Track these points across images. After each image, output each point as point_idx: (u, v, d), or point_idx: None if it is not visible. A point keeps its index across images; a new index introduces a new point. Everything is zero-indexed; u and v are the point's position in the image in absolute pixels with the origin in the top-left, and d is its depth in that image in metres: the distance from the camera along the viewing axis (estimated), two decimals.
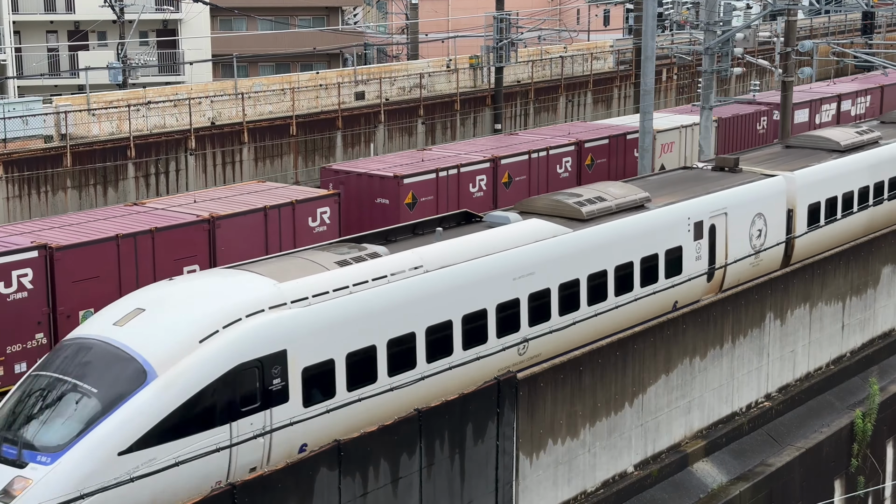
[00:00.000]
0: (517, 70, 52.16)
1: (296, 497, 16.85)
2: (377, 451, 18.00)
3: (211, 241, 24.89)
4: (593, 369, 22.51)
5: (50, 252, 22.50)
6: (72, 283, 22.77)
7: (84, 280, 22.98)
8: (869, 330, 32.27)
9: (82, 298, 22.92)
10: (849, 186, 31.96)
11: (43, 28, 64.75)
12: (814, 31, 75.53)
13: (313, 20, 76.97)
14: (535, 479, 21.40)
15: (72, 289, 22.76)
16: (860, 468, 30.12)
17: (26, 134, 39.11)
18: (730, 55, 30.98)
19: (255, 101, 42.65)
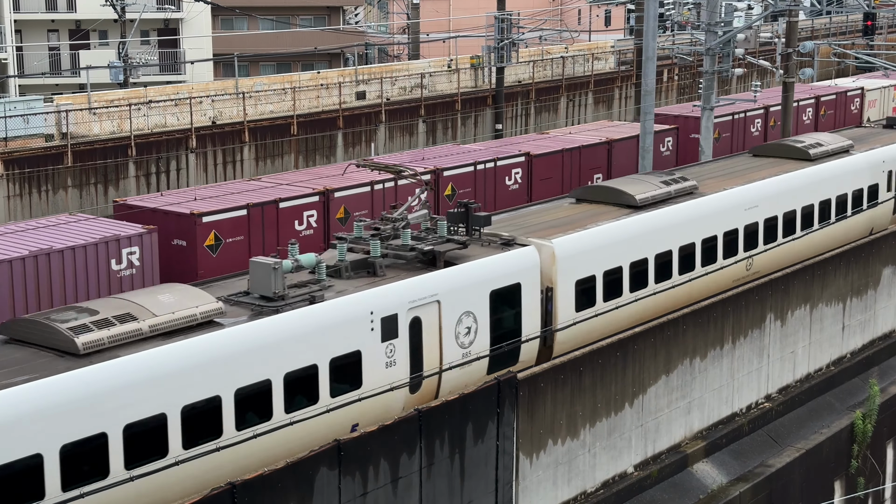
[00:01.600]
0: (518, 70, 52.16)
1: (296, 496, 16.85)
2: (377, 451, 18.00)
3: None
4: (593, 369, 22.51)
5: None
6: None
7: None
8: (869, 331, 32.26)
9: None
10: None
11: (44, 27, 64.76)
12: (815, 32, 75.51)
13: (314, 20, 76.97)
14: (534, 480, 21.40)
15: None
16: (860, 469, 30.12)
17: (27, 132, 39.13)
18: (731, 56, 30.97)
19: (256, 101, 42.66)
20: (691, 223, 26.38)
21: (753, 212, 28.28)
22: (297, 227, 25.31)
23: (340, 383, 18.98)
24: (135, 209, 24.93)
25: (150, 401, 16.22)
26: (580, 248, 23.47)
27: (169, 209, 24.84)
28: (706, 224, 26.76)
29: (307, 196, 26.22)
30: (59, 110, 37.86)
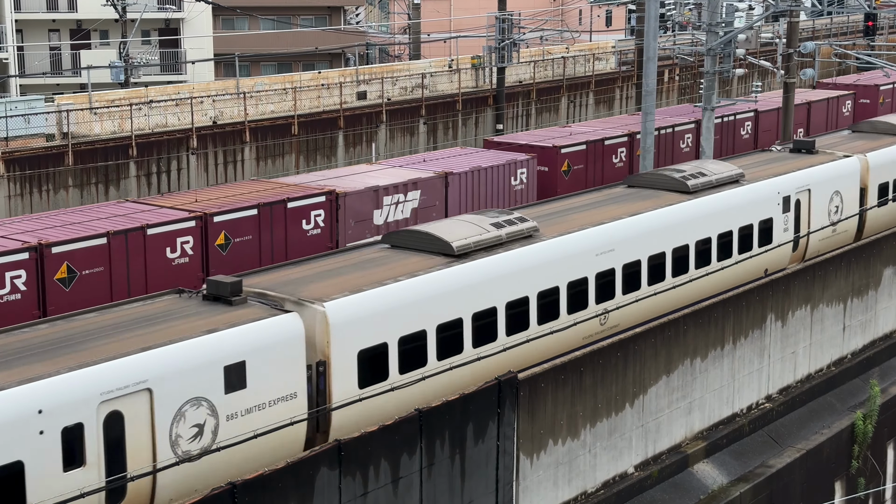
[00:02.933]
0: (519, 70, 52.15)
1: (296, 496, 16.86)
2: (377, 451, 18.00)
3: None
4: (594, 370, 22.51)
5: None
6: None
7: None
8: (870, 332, 32.26)
9: None
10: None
11: (45, 26, 64.76)
12: (816, 33, 75.50)
13: (315, 20, 76.98)
14: (535, 480, 21.40)
15: None
16: (861, 470, 30.12)
17: (28, 132, 39.14)
18: (732, 56, 30.97)
19: (257, 101, 42.66)
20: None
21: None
22: None
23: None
24: None
25: None
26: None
27: None
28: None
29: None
30: (60, 110, 37.87)
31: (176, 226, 23.58)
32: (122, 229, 22.56)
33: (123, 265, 22.30)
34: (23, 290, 20.72)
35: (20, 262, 20.77)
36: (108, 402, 15.90)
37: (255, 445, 17.38)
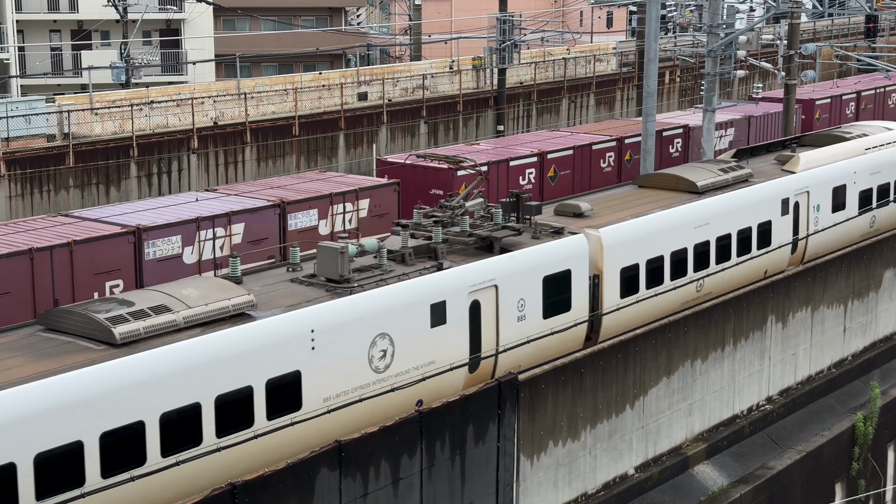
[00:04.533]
0: (520, 71, 52.15)
1: (296, 497, 16.86)
2: (378, 452, 18.00)
3: None
4: (594, 371, 22.50)
5: None
6: None
7: None
8: (870, 333, 32.25)
9: None
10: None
11: (46, 27, 64.76)
12: (817, 35, 75.49)
13: (316, 20, 76.99)
14: (535, 481, 21.39)
15: None
16: (861, 472, 30.11)
17: (29, 133, 39.13)
18: (733, 58, 30.97)
19: (258, 102, 42.66)
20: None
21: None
22: None
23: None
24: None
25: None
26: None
27: None
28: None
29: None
30: (60, 111, 37.87)
31: None
32: None
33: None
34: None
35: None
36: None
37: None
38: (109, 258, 22.54)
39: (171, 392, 16.31)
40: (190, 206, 25.36)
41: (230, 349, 17.12)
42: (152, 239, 23.37)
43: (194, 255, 24.28)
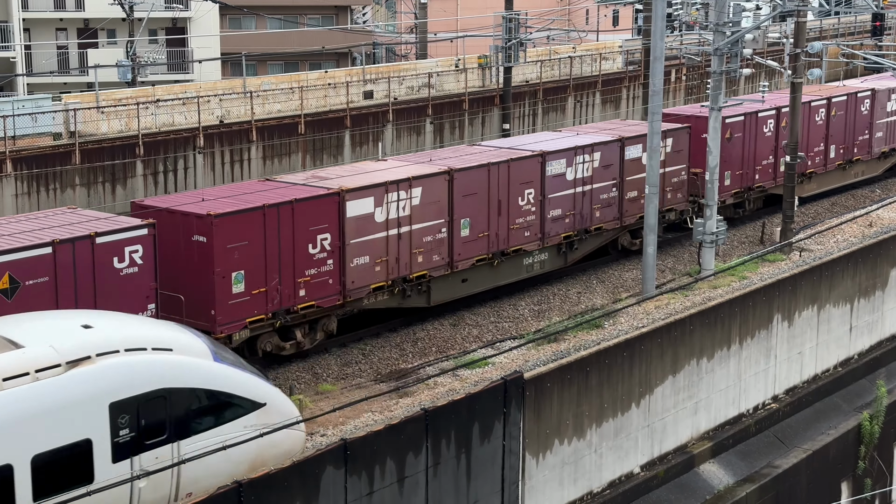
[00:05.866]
0: (526, 70, 52.12)
1: (302, 495, 16.87)
2: (383, 450, 18.01)
3: None
4: (600, 370, 22.50)
5: None
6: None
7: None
8: (877, 332, 32.20)
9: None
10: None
11: (52, 25, 64.85)
12: (824, 33, 75.37)
13: (322, 19, 77.00)
14: (541, 480, 21.39)
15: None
16: (867, 470, 30.07)
17: (35, 131, 39.18)
18: (739, 56, 30.92)
19: (264, 100, 42.69)
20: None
21: None
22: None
23: None
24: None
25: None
26: None
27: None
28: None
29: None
30: (67, 109, 37.91)
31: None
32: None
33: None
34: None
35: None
36: None
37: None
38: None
39: None
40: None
41: None
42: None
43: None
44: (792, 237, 34.20)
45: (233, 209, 24.85)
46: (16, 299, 20.49)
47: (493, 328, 29.40)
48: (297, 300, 25.84)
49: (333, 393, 23.89)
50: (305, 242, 25.94)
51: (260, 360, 25.50)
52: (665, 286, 30.36)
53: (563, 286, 32.72)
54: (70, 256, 21.38)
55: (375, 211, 27.52)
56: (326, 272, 26.39)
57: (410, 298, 28.75)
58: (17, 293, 20.67)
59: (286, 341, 26.03)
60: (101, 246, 21.81)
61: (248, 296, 24.87)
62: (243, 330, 24.87)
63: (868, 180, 46.48)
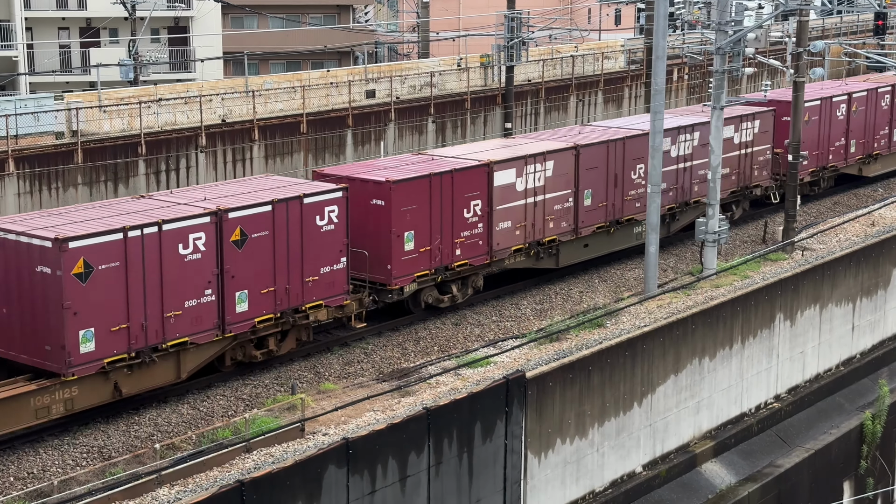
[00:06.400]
0: (528, 69, 52.11)
1: (304, 494, 16.88)
2: (385, 449, 18.01)
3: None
4: (602, 369, 22.50)
5: None
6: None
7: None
8: (879, 331, 32.18)
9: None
10: None
11: (55, 25, 64.87)
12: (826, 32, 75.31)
13: (324, 18, 77.00)
14: (543, 479, 21.39)
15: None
16: (869, 470, 30.05)
17: (38, 130, 39.19)
18: (741, 55, 30.90)
19: (266, 99, 42.69)
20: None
21: None
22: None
23: None
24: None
25: None
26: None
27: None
28: None
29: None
30: (69, 108, 37.92)
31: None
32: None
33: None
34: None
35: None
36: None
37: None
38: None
39: None
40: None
41: None
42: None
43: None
44: (794, 236, 34.17)
45: (406, 176, 28.36)
46: (245, 249, 24.40)
47: (495, 327, 29.40)
48: (454, 258, 29.38)
49: (335, 392, 23.90)
50: (461, 207, 29.49)
51: (422, 311, 29.19)
52: (667, 285, 30.36)
53: (565, 285, 32.73)
54: (284, 214, 25.06)
55: (517, 181, 30.86)
56: (477, 234, 29.92)
57: (542, 260, 32.00)
58: (245, 244, 24.40)
59: (443, 295, 29.46)
60: (308, 206, 25.52)
61: (417, 253, 28.37)
62: (412, 283, 28.45)
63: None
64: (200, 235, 23.50)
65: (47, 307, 21.59)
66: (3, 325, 22.34)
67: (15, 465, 20.85)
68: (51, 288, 21.48)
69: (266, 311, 24.81)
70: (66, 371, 21.50)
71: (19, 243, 21.97)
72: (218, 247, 23.73)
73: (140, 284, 22.44)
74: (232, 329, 24.21)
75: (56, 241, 21.31)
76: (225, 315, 24.04)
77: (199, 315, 23.57)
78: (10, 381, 21.79)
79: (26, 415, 21.21)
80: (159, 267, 22.74)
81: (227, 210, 23.93)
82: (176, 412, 23.33)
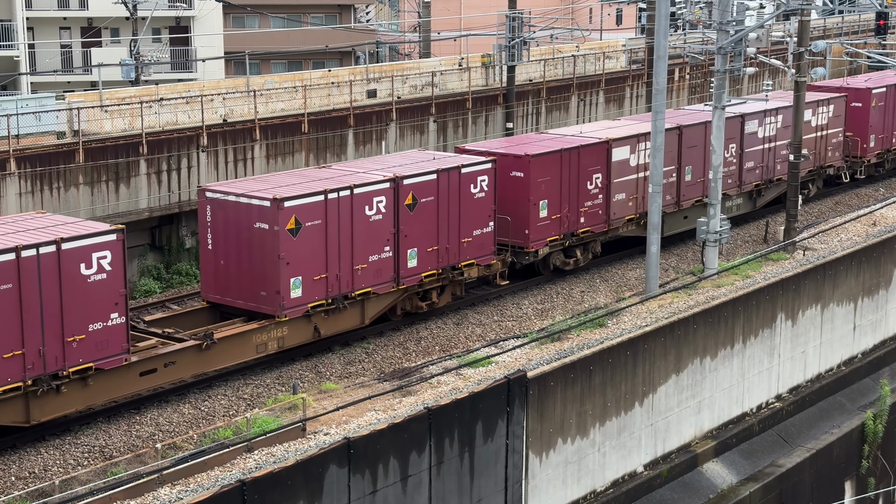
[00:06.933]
0: (529, 69, 52.08)
1: (305, 494, 16.88)
2: (387, 449, 18.01)
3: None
4: (603, 368, 22.50)
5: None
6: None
7: None
8: (880, 331, 32.17)
9: None
10: None
11: (56, 24, 64.88)
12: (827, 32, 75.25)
13: (326, 18, 77.01)
14: (544, 478, 21.39)
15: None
16: (871, 469, 30.04)
17: (39, 130, 39.16)
18: (742, 55, 30.90)
19: (267, 99, 42.67)
20: None
21: None
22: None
23: None
24: None
25: None
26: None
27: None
28: None
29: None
30: (70, 108, 37.91)
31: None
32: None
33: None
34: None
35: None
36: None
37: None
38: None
39: None
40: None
41: None
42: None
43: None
44: (795, 236, 34.16)
45: (542, 151, 31.92)
46: (415, 212, 28.01)
47: (497, 327, 29.40)
48: (579, 226, 33.01)
49: (337, 392, 23.90)
50: (585, 180, 33.04)
51: (550, 272, 32.73)
52: (668, 285, 30.35)
53: (567, 285, 32.72)
54: (447, 182, 28.66)
55: (630, 157, 34.37)
56: (598, 205, 33.48)
57: None
58: (415, 207, 28.05)
59: (568, 259, 33.03)
60: (465, 175, 29.16)
61: (549, 220, 31.82)
62: (545, 247, 31.89)
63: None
64: (382, 199, 27.12)
65: (264, 258, 25.35)
66: (220, 276, 26.16)
67: (16, 465, 20.86)
68: (268, 241, 25.23)
69: (430, 268, 28.56)
70: (280, 313, 25.36)
71: (239, 204, 25.81)
72: (395, 209, 27.37)
73: (336, 240, 26.28)
74: (404, 282, 27.99)
75: (274, 201, 25.10)
76: (399, 269, 27.75)
77: (380, 268, 27.38)
78: (230, 323, 25.74)
79: (249, 349, 25.01)
80: (350, 225, 26.48)
81: (402, 177, 27.59)
82: (177, 412, 23.33)
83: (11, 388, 20.76)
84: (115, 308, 22.27)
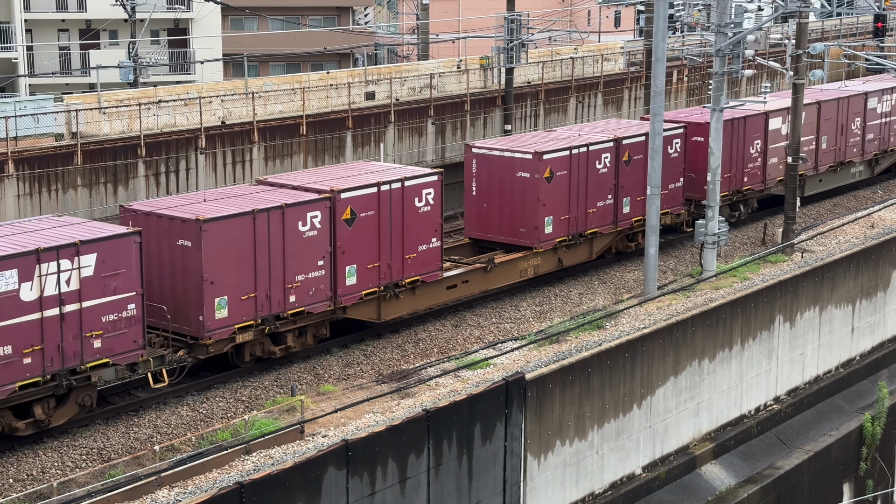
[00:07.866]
0: (528, 71, 52.10)
1: (303, 496, 16.87)
2: (385, 451, 18.01)
3: None
4: (602, 370, 22.50)
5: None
6: None
7: None
8: (879, 333, 32.19)
9: None
10: None
11: (55, 26, 64.88)
12: (825, 34, 75.33)
13: (324, 20, 77.03)
14: (542, 480, 21.39)
15: None
16: (869, 471, 30.06)
17: (37, 132, 39.16)
18: (741, 57, 30.91)
19: (266, 101, 42.68)
20: None
21: None
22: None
23: None
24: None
25: None
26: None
27: None
28: None
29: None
30: (69, 110, 37.91)
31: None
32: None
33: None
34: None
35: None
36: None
37: None
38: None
39: None
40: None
41: None
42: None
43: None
44: (794, 238, 34.17)
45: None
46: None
47: (495, 329, 29.40)
48: (743, 185, 38.47)
49: (335, 394, 23.90)
50: (748, 145, 38.42)
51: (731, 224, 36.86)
52: (667, 287, 30.35)
53: (565, 287, 32.73)
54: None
55: (781, 127, 39.47)
56: (757, 167, 38.92)
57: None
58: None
59: (734, 212, 38.49)
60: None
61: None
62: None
63: None
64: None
65: (525, 202, 31.28)
66: (483, 216, 32.06)
67: (14, 467, 20.85)
68: (529, 187, 31.21)
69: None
70: (538, 245, 31.44)
71: (503, 157, 31.71)
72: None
73: (576, 185, 32.31)
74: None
75: (536, 154, 31.17)
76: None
77: (603, 213, 33.22)
78: (495, 253, 31.32)
79: (515, 274, 31.05)
80: (587, 175, 32.67)
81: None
82: (175, 414, 23.32)
83: (370, 291, 26.94)
84: (435, 234, 28.47)
